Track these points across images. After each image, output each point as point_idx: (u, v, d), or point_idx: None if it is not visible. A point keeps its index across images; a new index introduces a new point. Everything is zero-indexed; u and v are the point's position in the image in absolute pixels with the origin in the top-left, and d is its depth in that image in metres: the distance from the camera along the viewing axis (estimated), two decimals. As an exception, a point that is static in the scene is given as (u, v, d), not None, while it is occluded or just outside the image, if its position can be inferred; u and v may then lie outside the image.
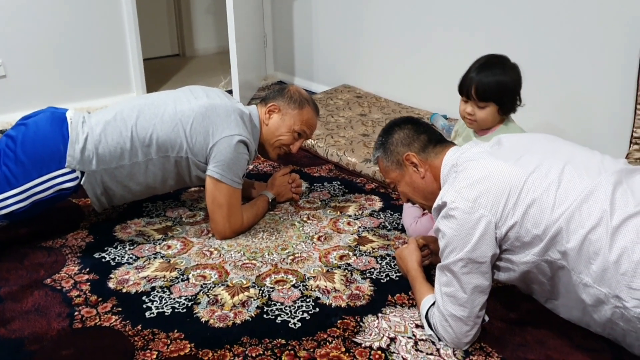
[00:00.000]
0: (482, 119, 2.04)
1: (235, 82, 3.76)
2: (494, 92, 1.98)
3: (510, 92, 2.01)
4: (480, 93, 1.99)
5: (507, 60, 2.04)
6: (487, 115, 2.03)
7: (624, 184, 1.48)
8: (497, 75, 1.98)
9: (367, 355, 1.61)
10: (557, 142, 1.68)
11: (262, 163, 2.96)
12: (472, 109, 2.03)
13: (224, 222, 2.16)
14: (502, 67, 2.00)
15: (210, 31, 5.65)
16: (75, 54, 3.83)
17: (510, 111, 2.06)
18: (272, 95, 2.34)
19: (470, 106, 2.04)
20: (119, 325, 1.73)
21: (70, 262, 2.06)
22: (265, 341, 1.66)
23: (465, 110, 2.06)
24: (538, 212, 1.47)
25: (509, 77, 2.00)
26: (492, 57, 2.06)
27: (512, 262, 1.56)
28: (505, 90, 1.99)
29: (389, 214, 2.43)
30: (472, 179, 1.55)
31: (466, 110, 2.05)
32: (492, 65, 2.01)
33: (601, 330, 1.54)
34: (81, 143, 2.06)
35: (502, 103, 2.01)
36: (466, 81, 2.03)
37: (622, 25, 2.54)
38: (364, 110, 3.58)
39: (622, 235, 1.40)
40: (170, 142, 2.12)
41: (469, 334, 1.59)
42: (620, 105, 2.59)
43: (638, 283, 1.36)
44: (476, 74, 2.00)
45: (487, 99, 1.99)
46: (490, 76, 1.98)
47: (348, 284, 1.94)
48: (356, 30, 3.95)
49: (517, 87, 2.02)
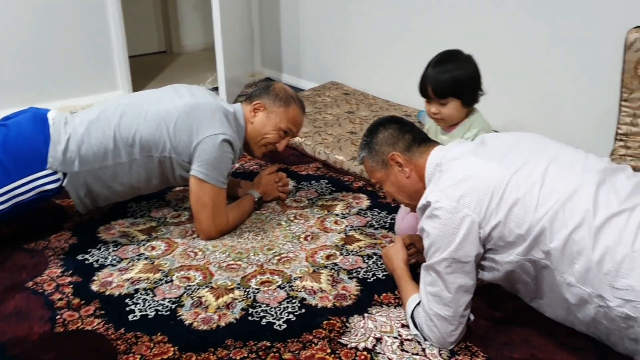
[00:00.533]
0: (447, 115, 2.05)
1: (221, 79, 3.73)
2: (451, 87, 1.99)
3: (467, 84, 2.01)
4: (437, 91, 2.00)
5: (459, 53, 2.05)
6: (452, 111, 2.03)
7: (608, 183, 1.48)
8: (451, 70, 1.99)
9: (353, 356, 1.60)
10: (541, 140, 1.67)
11: (249, 161, 2.94)
12: (436, 107, 2.04)
13: (209, 222, 2.14)
14: (455, 62, 2.02)
15: (197, 27, 5.61)
16: (59, 51, 3.79)
17: (473, 102, 2.07)
18: (257, 93, 2.32)
19: (434, 106, 2.05)
20: (102, 328, 1.71)
21: (52, 264, 2.04)
22: (250, 344, 1.65)
23: (430, 110, 2.07)
24: (521, 211, 1.47)
25: (464, 70, 2.01)
26: (445, 53, 2.07)
27: (496, 261, 1.56)
28: (461, 83, 2.00)
29: (376, 212, 2.42)
30: (455, 178, 1.54)
31: (431, 110, 2.06)
32: (445, 61, 2.03)
33: (585, 329, 1.54)
34: (63, 144, 2.03)
35: (462, 96, 2.01)
36: (423, 82, 2.04)
37: (606, 21, 2.54)
38: (352, 107, 3.56)
39: (605, 235, 1.39)
40: (154, 142, 2.09)
41: (454, 334, 1.59)
42: (605, 102, 2.59)
43: (621, 282, 1.36)
44: (431, 72, 2.02)
45: (446, 95, 2.00)
46: (445, 72, 1.99)
47: (334, 284, 1.93)
48: (344, 27, 3.93)
49: (474, 77, 2.03)
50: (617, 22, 2.46)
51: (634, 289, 1.35)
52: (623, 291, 1.36)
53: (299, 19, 4.26)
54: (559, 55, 2.77)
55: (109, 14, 3.90)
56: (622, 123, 2.42)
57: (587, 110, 2.72)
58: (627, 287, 1.36)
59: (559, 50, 2.76)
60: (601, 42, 2.58)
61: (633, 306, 1.35)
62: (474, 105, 2.08)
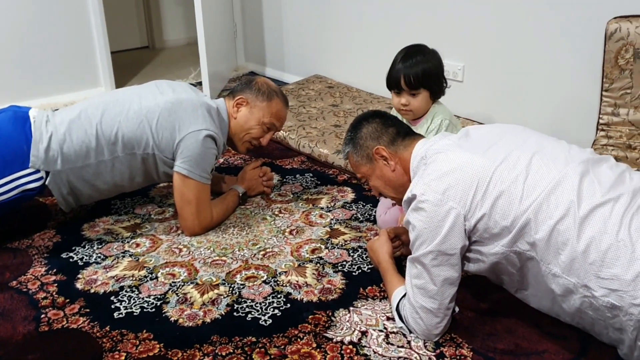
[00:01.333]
0: (416, 107, 2.10)
1: (205, 73, 3.71)
2: (422, 78, 2.05)
3: (436, 77, 2.09)
4: (410, 82, 2.05)
5: (425, 47, 2.12)
6: (421, 103, 2.09)
7: (591, 173, 1.49)
8: (420, 63, 2.05)
9: (339, 350, 1.60)
10: (525, 132, 1.68)
11: (233, 156, 2.93)
12: (407, 99, 2.09)
13: (193, 218, 2.13)
14: (423, 54, 2.08)
15: (180, 22, 5.57)
16: (40, 48, 3.74)
17: (440, 94, 2.14)
18: (240, 88, 2.31)
19: (404, 97, 2.09)
20: (87, 326, 1.70)
21: (36, 263, 2.02)
22: (236, 339, 1.64)
23: (400, 103, 2.11)
24: (506, 203, 1.48)
25: (432, 63, 2.08)
26: (411, 47, 2.13)
27: (482, 253, 1.56)
28: (431, 75, 2.07)
29: (361, 205, 2.43)
30: (440, 171, 1.54)
31: (401, 102, 2.10)
32: (414, 54, 2.08)
33: (570, 319, 1.55)
34: (45, 142, 2.01)
35: (432, 88, 2.08)
36: (393, 74, 2.09)
37: (587, 11, 2.55)
38: (336, 100, 3.56)
39: (589, 225, 1.41)
40: (136, 139, 2.08)
41: (439, 326, 1.60)
42: (587, 92, 2.61)
43: (606, 272, 1.37)
44: (402, 65, 2.07)
45: (418, 86, 2.05)
46: (415, 65, 2.05)
47: (320, 278, 1.93)
48: (327, 20, 3.92)
49: (440, 71, 2.11)
50: (598, 12, 2.48)
51: (618, 279, 1.36)
52: (608, 281, 1.37)
53: (281, 13, 4.24)
54: (540, 46, 2.78)
55: (90, 9, 3.86)
56: (604, 113, 2.44)
57: (569, 101, 2.73)
58: (612, 276, 1.37)
59: (541, 41, 2.77)
60: (582, 33, 2.59)
61: (618, 295, 1.37)
62: (440, 97, 2.15)
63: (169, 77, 4.16)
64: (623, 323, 1.39)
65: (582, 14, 2.58)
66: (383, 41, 3.57)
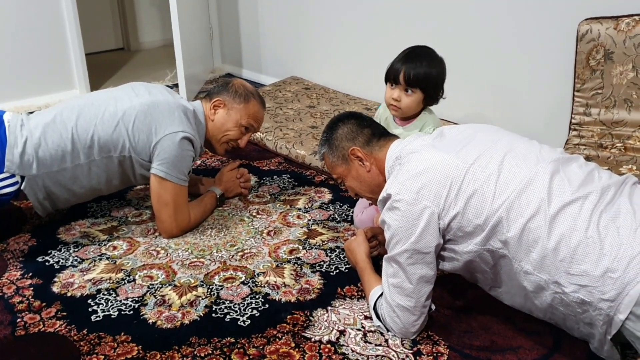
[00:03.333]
0: (407, 105, 2.07)
1: (181, 75, 3.70)
2: (423, 79, 2.02)
3: (435, 84, 2.06)
4: (409, 78, 2.02)
5: (433, 51, 2.09)
6: (412, 103, 2.06)
7: (561, 172, 1.52)
8: (425, 66, 2.02)
9: (317, 350, 1.62)
10: (498, 132, 1.71)
11: (210, 158, 2.93)
12: (399, 94, 2.06)
13: (171, 220, 2.13)
14: (430, 58, 2.05)
15: (155, 24, 5.54)
16: (13, 49, 3.70)
17: (434, 102, 2.12)
18: (217, 90, 2.32)
19: (398, 91, 2.06)
20: (64, 330, 1.69)
21: (12, 267, 2.00)
22: (214, 340, 1.65)
23: (392, 97, 2.08)
24: (479, 202, 1.50)
25: (436, 69, 2.05)
26: (420, 47, 2.10)
27: (456, 251, 1.59)
28: (432, 80, 2.04)
29: (339, 205, 2.44)
30: (414, 171, 1.57)
31: (393, 96, 2.08)
32: (421, 54, 2.06)
33: (543, 315, 1.58)
34: (20, 147, 2.00)
35: (428, 92, 2.06)
36: (394, 67, 2.06)
37: (559, 13, 2.59)
38: (313, 102, 3.57)
39: (559, 223, 1.44)
40: (113, 142, 2.07)
41: (416, 324, 1.62)
42: (559, 93, 2.65)
43: (576, 268, 1.41)
44: (405, 61, 2.04)
45: (415, 85, 2.03)
46: (419, 65, 2.02)
47: (298, 279, 1.94)
48: (303, 22, 3.94)
49: (441, 79, 2.08)
50: (569, 14, 2.52)
51: (588, 274, 1.39)
52: (578, 277, 1.41)
53: (258, 14, 4.24)
54: (512, 47, 2.82)
55: (64, 10, 3.82)
56: (576, 113, 2.49)
57: (542, 101, 2.78)
58: (582, 272, 1.40)
59: (513, 43, 2.81)
60: (554, 34, 2.63)
61: (588, 291, 1.40)
62: (432, 104, 2.13)
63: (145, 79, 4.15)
64: (593, 318, 1.42)
65: (554, 15, 2.62)
66: (360, 43, 3.59)
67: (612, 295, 1.36)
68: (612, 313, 1.37)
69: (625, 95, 2.36)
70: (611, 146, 2.39)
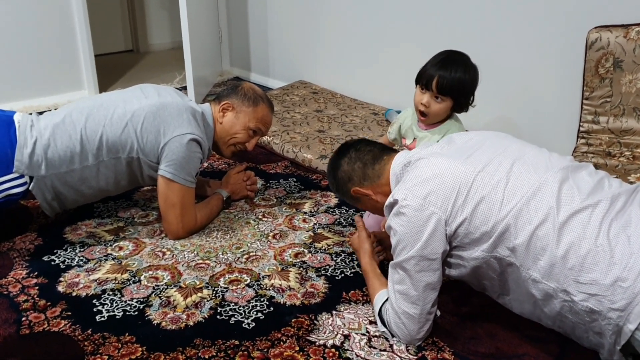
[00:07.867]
0: (435, 111, 2.05)
1: (189, 78, 3.71)
2: (454, 88, 1.99)
3: (467, 91, 2.03)
4: (441, 86, 1.99)
5: (468, 59, 2.06)
6: (440, 110, 2.04)
7: (570, 180, 1.52)
8: (459, 72, 1.99)
9: (321, 354, 1.61)
10: (507, 140, 1.70)
11: (217, 160, 2.93)
12: (429, 100, 2.03)
13: (177, 222, 2.13)
14: (464, 65, 2.01)
15: (165, 26, 5.56)
16: (23, 50, 3.71)
17: (463, 110, 2.09)
18: (226, 93, 2.32)
19: (427, 97, 2.03)
20: (69, 329, 1.69)
21: (18, 266, 2.01)
22: (219, 342, 1.65)
23: (421, 101, 2.05)
24: (487, 209, 1.49)
25: (470, 76, 2.01)
26: (455, 52, 2.07)
27: (462, 258, 1.58)
28: (464, 88, 2.01)
29: (345, 210, 2.44)
30: (422, 177, 1.56)
31: (422, 101, 2.04)
32: (456, 61, 2.02)
33: (552, 323, 1.57)
34: (30, 147, 2.00)
35: (458, 100, 2.03)
36: (428, 72, 2.02)
37: (569, 21, 2.59)
38: (320, 106, 3.57)
39: (568, 231, 1.43)
40: (121, 143, 2.08)
41: (421, 331, 1.61)
42: (568, 101, 2.64)
43: (585, 277, 1.39)
44: (439, 67, 2.00)
45: (446, 94, 2.00)
46: (454, 72, 1.98)
47: (303, 282, 1.94)
48: (312, 26, 3.94)
49: (474, 87, 2.05)
50: (579, 22, 2.52)
51: (597, 283, 1.38)
52: (587, 285, 1.40)
53: (267, 18, 4.25)
54: (523, 55, 2.81)
55: (74, 11, 3.83)
56: (584, 121, 2.48)
57: (550, 109, 2.77)
58: (591, 281, 1.39)
59: (522, 50, 2.80)
60: (563, 42, 2.63)
61: (597, 300, 1.39)
62: (461, 112, 2.11)
63: (154, 81, 4.16)
64: (602, 327, 1.41)
65: (563, 23, 2.62)
66: (368, 48, 3.59)
67: (622, 305, 1.35)
68: (622, 323, 1.36)
69: (634, 103, 2.35)
70: (619, 154, 2.38)
